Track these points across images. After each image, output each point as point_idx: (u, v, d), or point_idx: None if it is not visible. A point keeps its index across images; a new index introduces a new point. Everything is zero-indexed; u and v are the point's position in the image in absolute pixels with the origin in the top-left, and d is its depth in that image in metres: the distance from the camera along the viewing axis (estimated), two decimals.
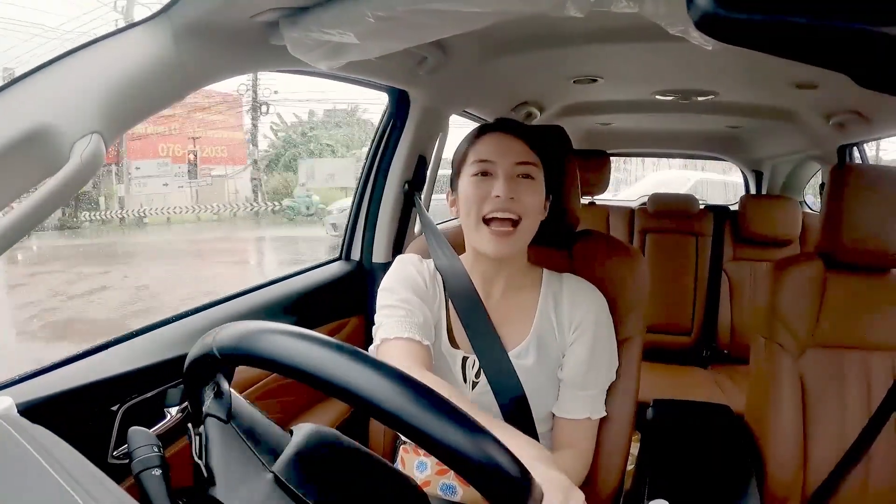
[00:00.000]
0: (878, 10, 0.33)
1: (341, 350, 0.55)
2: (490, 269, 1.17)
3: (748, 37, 0.37)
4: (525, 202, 1.09)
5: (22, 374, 0.95)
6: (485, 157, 1.11)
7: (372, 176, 1.89)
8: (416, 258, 1.24)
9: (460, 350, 1.16)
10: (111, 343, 1.12)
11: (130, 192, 12.82)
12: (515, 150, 1.11)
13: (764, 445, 1.39)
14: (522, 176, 1.10)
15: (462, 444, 0.50)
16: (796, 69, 1.62)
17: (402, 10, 0.86)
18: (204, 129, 14.92)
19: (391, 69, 1.52)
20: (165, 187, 13.11)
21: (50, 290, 8.47)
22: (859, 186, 1.35)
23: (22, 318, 7.39)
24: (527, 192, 1.09)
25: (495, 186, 1.08)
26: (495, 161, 1.10)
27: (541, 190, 1.13)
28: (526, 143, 1.13)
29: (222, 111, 15.08)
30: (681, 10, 0.75)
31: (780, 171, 3.48)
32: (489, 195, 1.08)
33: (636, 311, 1.25)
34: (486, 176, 1.10)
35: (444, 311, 1.19)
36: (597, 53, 1.70)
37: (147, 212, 11.94)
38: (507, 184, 1.08)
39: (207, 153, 15.44)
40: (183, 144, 14.30)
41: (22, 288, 8.94)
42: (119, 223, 11.96)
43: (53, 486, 0.44)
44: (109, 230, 11.88)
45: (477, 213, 1.09)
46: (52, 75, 0.77)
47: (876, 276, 1.39)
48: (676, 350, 2.94)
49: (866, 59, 0.36)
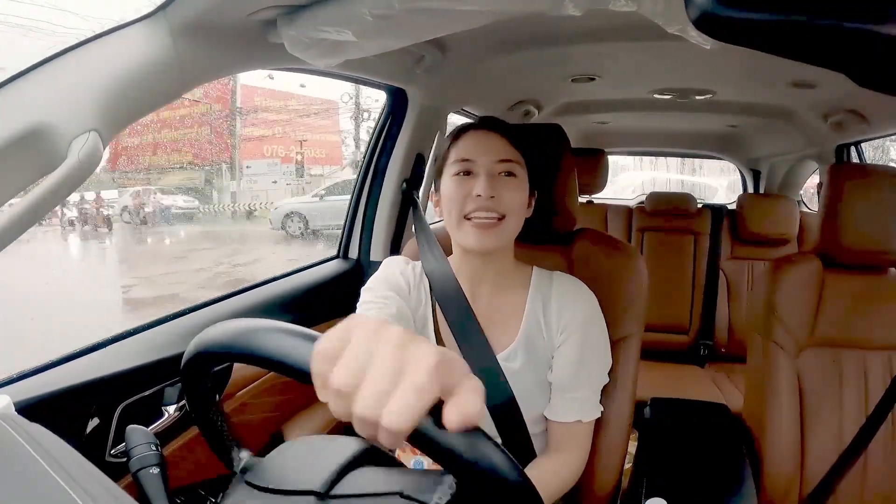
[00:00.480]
0: (877, 10, 0.33)
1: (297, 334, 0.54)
2: (477, 268, 1.16)
3: (746, 36, 0.37)
4: (506, 200, 1.08)
5: (19, 373, 0.95)
6: (465, 156, 1.10)
7: (370, 174, 1.89)
8: (401, 260, 1.24)
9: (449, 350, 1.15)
10: (109, 341, 1.11)
11: (241, 187, 13.47)
12: (497, 147, 1.10)
13: (761, 444, 1.39)
14: (504, 174, 1.09)
15: (454, 442, 0.50)
16: (794, 68, 1.62)
17: (400, 9, 0.86)
18: (309, 133, 15.46)
19: (389, 67, 1.52)
20: (274, 184, 13.69)
21: (213, 261, 9.07)
22: (857, 186, 1.35)
23: (203, 278, 7.97)
24: (508, 189, 1.08)
25: (476, 185, 1.07)
26: (476, 160, 1.09)
27: (523, 187, 1.12)
28: (508, 140, 1.12)
29: (323, 116, 15.68)
30: (679, 9, 0.75)
31: (778, 170, 3.49)
32: (470, 194, 1.07)
33: (634, 310, 1.25)
34: (467, 175, 1.10)
35: (430, 312, 1.18)
36: (595, 52, 1.70)
37: (256, 205, 12.53)
38: (489, 182, 1.06)
39: (308, 154, 16.06)
40: (286, 146, 14.82)
41: (185, 260, 9.46)
42: (231, 215, 12.63)
43: (51, 485, 0.44)
44: (224, 220, 12.57)
45: (458, 211, 1.08)
46: (50, 73, 0.77)
47: (874, 275, 1.39)
48: (674, 349, 2.95)
49: (864, 59, 0.36)
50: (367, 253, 1.90)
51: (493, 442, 0.50)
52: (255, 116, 13.38)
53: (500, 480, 0.50)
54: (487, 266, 1.16)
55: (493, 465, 0.50)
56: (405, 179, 1.86)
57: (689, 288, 2.99)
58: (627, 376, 1.23)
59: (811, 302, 1.38)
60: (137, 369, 1.07)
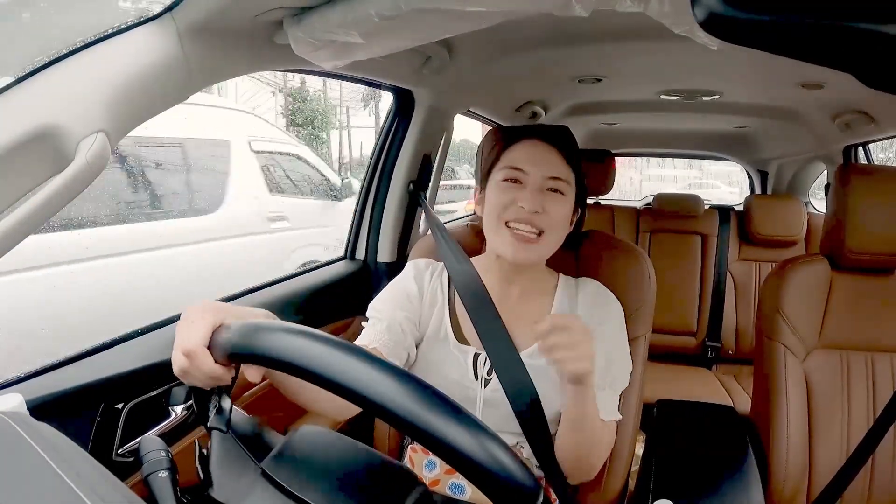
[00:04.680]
0: (886, 10, 0.33)
1: (344, 348, 0.55)
2: (509, 273, 1.15)
3: (753, 36, 0.37)
4: (551, 216, 1.06)
5: (29, 372, 0.96)
6: (517, 165, 1.09)
7: (377, 175, 1.89)
8: (419, 263, 1.24)
9: (471, 346, 1.15)
10: (117, 341, 1.12)
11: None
12: (550, 161, 1.09)
13: (769, 447, 1.38)
14: (552, 190, 1.08)
15: (469, 447, 0.51)
16: (802, 69, 1.61)
17: (407, 10, 0.86)
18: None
19: (396, 69, 1.52)
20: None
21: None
22: (865, 187, 1.34)
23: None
24: (554, 206, 1.07)
25: (522, 196, 1.05)
26: (527, 171, 1.08)
27: (569, 205, 1.11)
28: (563, 156, 1.10)
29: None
30: (686, 10, 0.75)
31: (786, 171, 3.47)
32: (515, 203, 1.06)
33: (642, 312, 1.24)
34: (515, 183, 1.08)
35: (446, 311, 1.18)
36: (601, 53, 1.70)
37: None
38: (535, 196, 1.05)
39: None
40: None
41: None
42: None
43: (58, 484, 0.45)
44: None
45: (498, 216, 1.08)
46: (57, 74, 0.77)
47: (882, 276, 1.38)
48: (681, 351, 2.94)
49: (873, 59, 0.36)
50: (374, 254, 1.90)
51: (507, 447, 0.51)
52: None
53: (514, 486, 0.50)
54: (519, 273, 1.15)
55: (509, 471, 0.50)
56: (412, 181, 1.86)
57: (696, 290, 2.98)
58: (635, 378, 1.23)
59: (819, 304, 1.38)
60: (145, 369, 1.07)
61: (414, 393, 0.52)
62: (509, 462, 0.51)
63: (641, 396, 1.25)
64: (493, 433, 0.53)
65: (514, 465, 0.51)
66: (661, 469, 1.34)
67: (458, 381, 1.13)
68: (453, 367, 1.14)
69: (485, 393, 1.12)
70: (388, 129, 1.86)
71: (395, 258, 1.91)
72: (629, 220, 3.16)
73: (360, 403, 0.53)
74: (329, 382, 0.53)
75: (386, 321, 1.12)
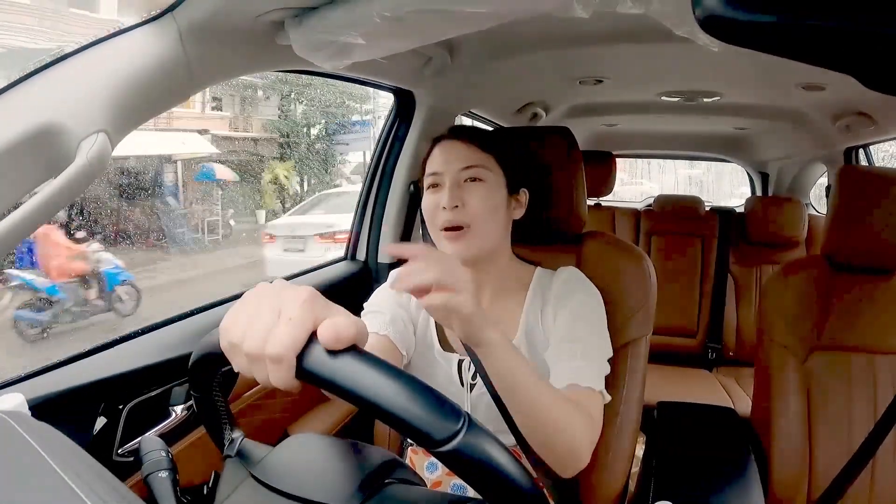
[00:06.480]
0: (886, 12, 0.33)
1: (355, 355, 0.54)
2: (474, 275, 1.13)
3: (754, 38, 0.37)
4: (471, 207, 1.08)
5: (30, 372, 0.96)
6: (434, 170, 1.11)
7: (377, 176, 1.89)
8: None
9: (455, 353, 1.15)
10: (117, 341, 1.12)
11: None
12: (461, 155, 1.10)
13: (769, 448, 1.38)
14: (471, 180, 1.09)
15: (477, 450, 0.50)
16: (803, 71, 1.61)
17: (408, 11, 0.86)
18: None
19: (397, 70, 1.52)
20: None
21: None
22: (865, 188, 1.34)
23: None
24: (473, 196, 1.08)
25: (441, 197, 1.08)
26: (442, 172, 1.10)
27: (495, 190, 1.11)
28: (475, 145, 1.12)
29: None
30: (687, 11, 0.75)
31: (787, 172, 3.47)
32: (438, 206, 1.08)
33: (642, 313, 1.24)
34: (436, 188, 1.11)
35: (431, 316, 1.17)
36: (602, 54, 1.70)
37: None
38: (452, 193, 1.07)
39: None
40: None
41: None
42: None
43: (59, 484, 0.45)
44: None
45: (432, 223, 1.10)
46: (59, 74, 0.77)
47: (882, 278, 1.38)
48: (682, 352, 2.93)
49: (873, 61, 0.36)
50: (375, 255, 1.90)
51: (507, 449, 0.51)
52: None
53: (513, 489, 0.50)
54: (483, 272, 1.15)
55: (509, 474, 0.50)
56: (413, 182, 1.86)
57: (697, 291, 2.97)
58: (635, 379, 1.23)
59: (819, 305, 1.38)
60: (146, 369, 1.07)
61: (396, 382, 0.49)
62: (504, 460, 0.51)
63: (642, 397, 1.25)
64: (489, 433, 0.52)
65: (514, 466, 0.51)
66: (662, 470, 1.34)
67: (444, 387, 1.13)
68: (439, 374, 1.15)
69: (471, 398, 1.13)
70: (389, 129, 1.86)
71: (395, 259, 1.91)
72: (630, 222, 3.16)
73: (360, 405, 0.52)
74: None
75: (388, 314, 1.12)
